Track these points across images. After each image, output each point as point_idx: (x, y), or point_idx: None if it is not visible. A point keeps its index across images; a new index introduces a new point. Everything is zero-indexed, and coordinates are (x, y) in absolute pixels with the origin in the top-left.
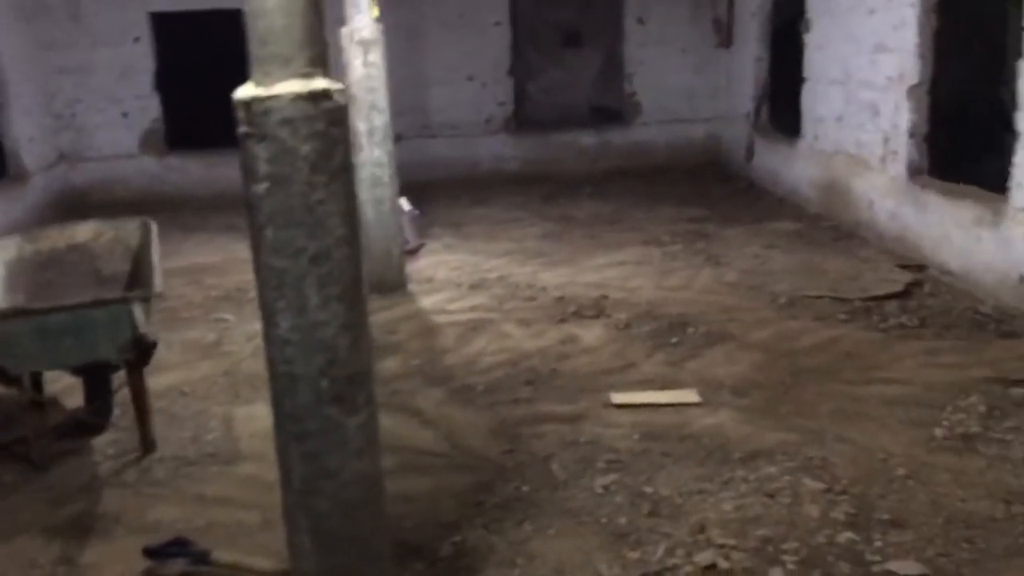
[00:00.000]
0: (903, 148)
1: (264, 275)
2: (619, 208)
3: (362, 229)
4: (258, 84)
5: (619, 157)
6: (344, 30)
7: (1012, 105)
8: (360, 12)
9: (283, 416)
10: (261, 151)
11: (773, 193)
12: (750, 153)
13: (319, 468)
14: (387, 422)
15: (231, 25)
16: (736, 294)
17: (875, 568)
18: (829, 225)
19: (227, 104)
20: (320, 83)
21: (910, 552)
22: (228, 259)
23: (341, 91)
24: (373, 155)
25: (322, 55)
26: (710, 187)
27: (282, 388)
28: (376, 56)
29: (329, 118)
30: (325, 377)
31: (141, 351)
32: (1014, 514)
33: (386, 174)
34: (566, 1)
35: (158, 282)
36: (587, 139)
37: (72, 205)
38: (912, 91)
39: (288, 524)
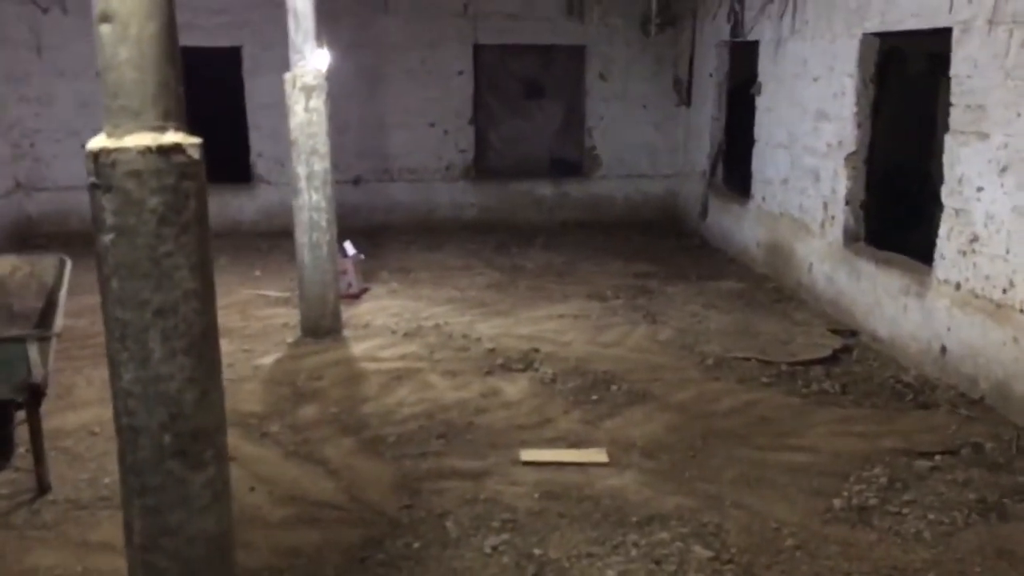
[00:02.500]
0: (840, 214)
1: (109, 326)
2: (570, 260)
3: (299, 274)
4: (109, 136)
5: (576, 209)
6: (287, 75)
7: (939, 178)
8: (303, 58)
9: (125, 469)
10: (107, 202)
11: (724, 252)
12: (704, 211)
13: (160, 524)
14: (292, 471)
15: (196, 61)
16: (666, 353)
17: None
18: (772, 287)
19: None
20: (172, 137)
21: None
22: None
23: (195, 145)
24: (311, 199)
25: (176, 109)
26: (663, 243)
27: (125, 441)
28: (318, 102)
29: (180, 171)
30: (168, 431)
31: (33, 391)
32: None
33: (324, 218)
34: (529, 54)
35: (59, 322)
36: (545, 190)
37: (24, 234)
38: (849, 159)
39: None
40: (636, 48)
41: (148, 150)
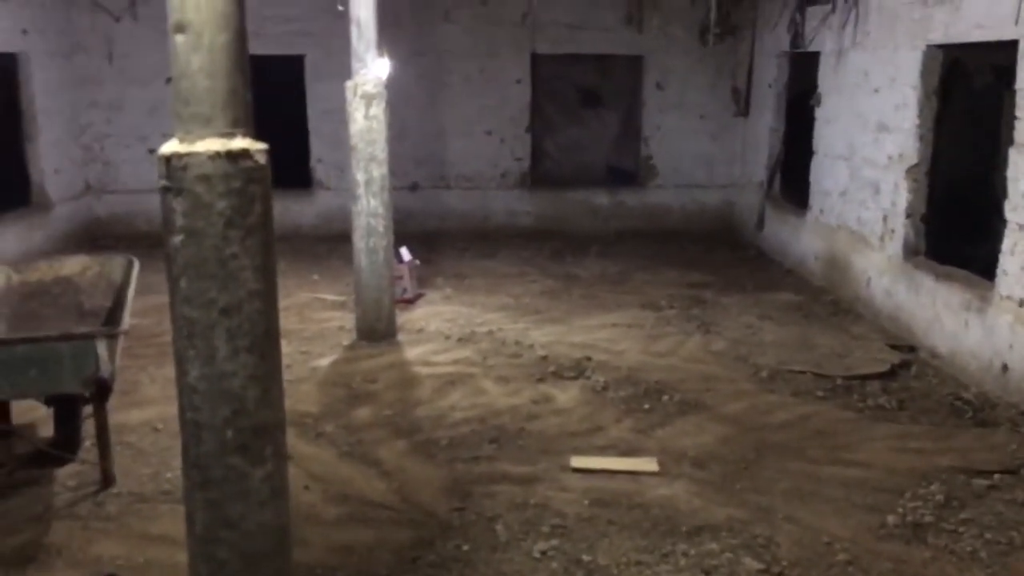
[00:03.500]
0: (900, 227)
1: (177, 324)
2: (624, 270)
3: (356, 278)
4: (181, 141)
5: (632, 218)
6: (348, 83)
7: (1002, 192)
8: (364, 67)
9: (188, 463)
10: (178, 205)
11: (780, 264)
12: (761, 222)
13: (221, 517)
14: (346, 471)
15: (261, 68)
16: (720, 363)
17: None
18: (829, 299)
19: None
20: (239, 143)
21: None
22: None
23: (262, 151)
24: (369, 205)
25: (244, 116)
26: (719, 254)
27: (188, 435)
28: (378, 110)
29: (247, 176)
30: (231, 427)
31: (101, 387)
32: None
33: (381, 224)
34: (587, 63)
35: (126, 320)
36: (601, 199)
37: (94, 235)
38: (911, 171)
39: (190, 571)
40: (694, 58)
41: (217, 155)
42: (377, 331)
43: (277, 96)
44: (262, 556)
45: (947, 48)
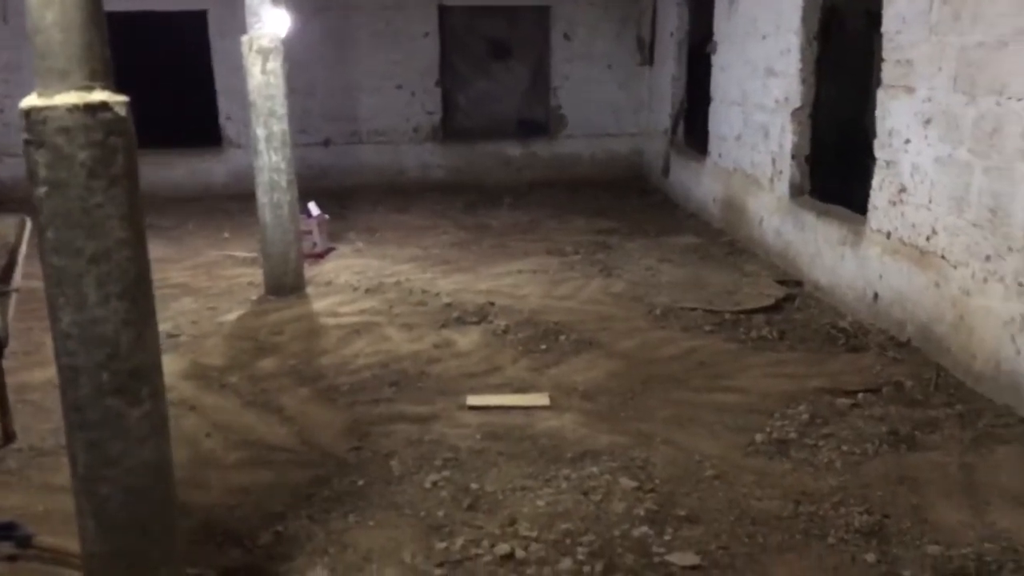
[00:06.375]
0: (787, 169)
1: (47, 272)
2: (535, 219)
3: (261, 234)
4: (40, 95)
5: (544, 169)
6: (244, 38)
7: (873, 132)
8: (260, 21)
9: (67, 406)
10: (40, 157)
11: (684, 208)
12: (666, 168)
13: (102, 456)
14: (248, 418)
15: (177, 26)
16: (617, 304)
17: (656, 559)
18: (726, 241)
19: (156, 105)
20: (98, 96)
21: (693, 545)
22: None
23: (122, 103)
24: (271, 160)
25: (103, 69)
26: (627, 201)
27: (66, 380)
28: (275, 64)
29: (107, 128)
30: (105, 370)
31: None
32: (799, 513)
33: (284, 179)
34: (496, 14)
35: (18, 278)
36: (513, 150)
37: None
38: (795, 114)
39: (76, 509)
40: (600, 7)
41: (76, 108)
42: (285, 285)
43: (185, 53)
44: (144, 490)
45: None
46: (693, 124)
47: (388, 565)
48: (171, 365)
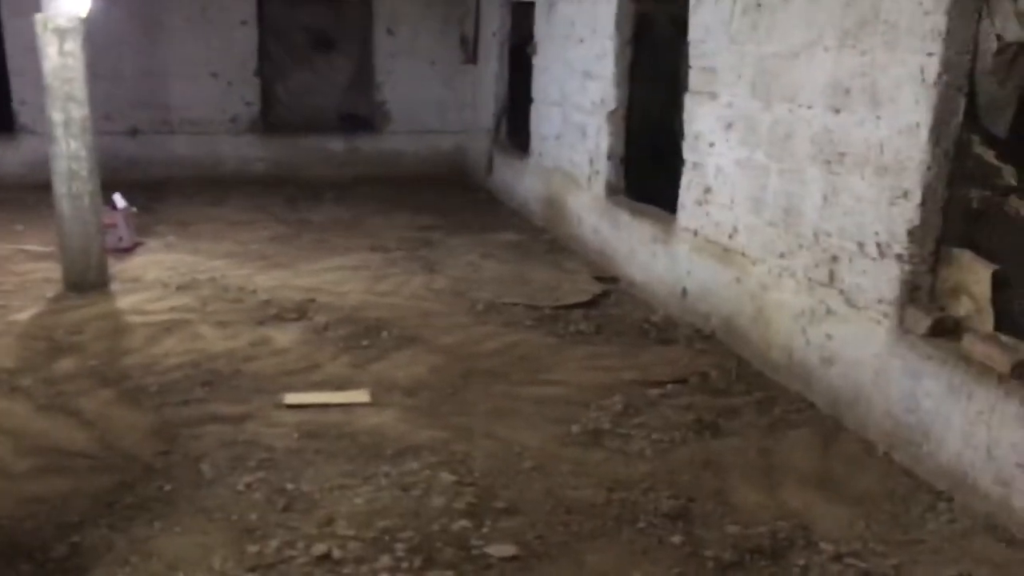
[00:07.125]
0: (603, 168)
1: None
2: (357, 215)
3: (59, 227)
4: None
5: (367, 164)
6: (38, 16)
7: (681, 134)
8: None
9: None
10: None
11: (507, 205)
12: (490, 166)
13: None
14: (41, 423)
15: None
16: (440, 300)
17: (475, 552)
18: (547, 238)
19: None
20: None
21: (511, 536)
22: None
23: None
24: (70, 148)
25: None
26: (451, 198)
27: None
28: (73, 45)
29: None
30: None
31: None
32: (612, 500)
33: (84, 168)
34: (317, 5)
35: None
36: (335, 145)
37: None
38: (611, 116)
39: None
40: (423, 4)
41: None
42: (86, 281)
43: None
44: None
45: (638, 2)
46: (516, 123)
47: (196, 572)
48: None
